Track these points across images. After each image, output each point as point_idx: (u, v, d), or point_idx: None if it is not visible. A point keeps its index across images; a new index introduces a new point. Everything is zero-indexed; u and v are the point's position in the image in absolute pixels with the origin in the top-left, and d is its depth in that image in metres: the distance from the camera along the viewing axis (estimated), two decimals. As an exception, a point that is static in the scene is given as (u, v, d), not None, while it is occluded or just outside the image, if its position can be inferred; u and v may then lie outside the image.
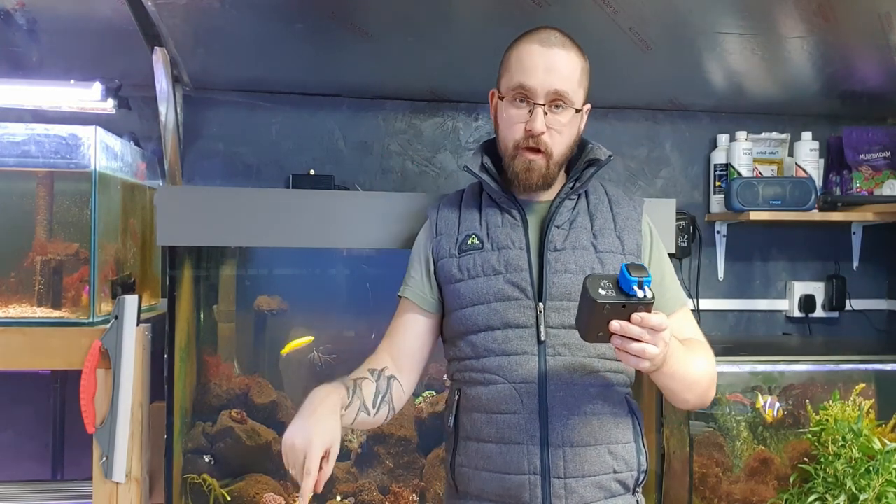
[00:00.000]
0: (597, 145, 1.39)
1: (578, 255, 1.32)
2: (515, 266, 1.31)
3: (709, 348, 1.36)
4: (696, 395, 1.30)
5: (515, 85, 1.30)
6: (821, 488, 1.74)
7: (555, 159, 1.32)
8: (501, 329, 1.29)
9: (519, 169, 1.32)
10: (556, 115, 1.30)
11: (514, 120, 1.31)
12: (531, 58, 1.30)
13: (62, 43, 1.92)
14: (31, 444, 2.14)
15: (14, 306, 1.65)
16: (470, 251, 1.34)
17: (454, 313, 1.35)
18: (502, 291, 1.30)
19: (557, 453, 1.26)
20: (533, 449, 1.26)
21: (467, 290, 1.33)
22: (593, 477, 1.27)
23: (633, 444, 1.32)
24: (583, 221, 1.36)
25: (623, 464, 1.30)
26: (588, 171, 1.37)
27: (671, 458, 1.92)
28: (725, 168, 2.40)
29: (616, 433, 1.30)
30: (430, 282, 1.39)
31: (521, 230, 1.34)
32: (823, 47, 1.93)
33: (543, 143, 1.30)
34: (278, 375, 2.13)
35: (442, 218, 1.41)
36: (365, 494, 1.98)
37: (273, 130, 2.27)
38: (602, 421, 1.29)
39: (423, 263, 1.41)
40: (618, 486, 1.30)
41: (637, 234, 1.37)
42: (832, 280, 2.50)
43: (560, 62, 1.30)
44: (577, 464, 1.26)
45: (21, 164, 1.66)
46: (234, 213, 1.65)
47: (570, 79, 1.30)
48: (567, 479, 1.26)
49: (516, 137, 1.31)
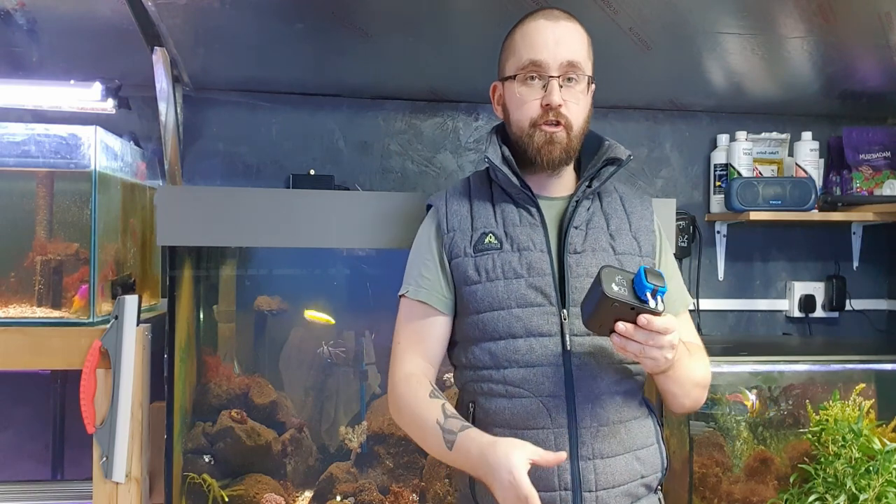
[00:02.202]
0: (615, 143, 1.35)
1: (599, 257, 1.27)
2: (538, 269, 1.25)
3: (705, 353, 1.35)
4: (693, 400, 1.30)
5: (525, 62, 1.26)
6: (821, 488, 1.74)
7: (574, 132, 1.28)
8: (524, 338, 1.23)
9: (540, 143, 1.26)
10: (570, 87, 1.26)
11: (528, 97, 1.27)
12: (539, 32, 1.27)
13: (62, 43, 1.92)
14: (31, 444, 2.14)
15: (14, 306, 1.65)
16: (487, 251, 1.27)
17: (469, 317, 1.28)
18: (525, 297, 1.24)
19: (588, 467, 1.21)
20: (564, 464, 1.20)
21: (485, 293, 1.25)
22: (623, 486, 1.24)
23: (656, 446, 1.30)
24: (599, 222, 1.32)
25: (649, 467, 1.28)
26: (606, 169, 1.33)
27: (671, 458, 1.91)
28: (725, 168, 2.40)
29: (641, 438, 1.27)
30: (446, 282, 1.31)
31: (541, 230, 1.28)
32: (823, 47, 1.93)
33: (563, 116, 1.26)
34: (278, 375, 2.13)
35: (452, 212, 1.33)
36: (365, 494, 1.98)
37: (273, 130, 2.27)
38: (629, 428, 1.26)
39: (436, 262, 1.32)
40: (643, 490, 1.28)
41: (651, 235, 1.35)
42: (832, 280, 2.50)
43: (568, 33, 1.27)
44: (608, 475, 1.22)
45: (21, 164, 1.65)
46: (234, 213, 1.65)
47: (579, 49, 1.28)
48: (598, 491, 1.21)
49: (532, 115, 1.27)
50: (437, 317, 1.31)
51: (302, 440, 2.07)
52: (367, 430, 2.07)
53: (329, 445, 2.11)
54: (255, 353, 2.17)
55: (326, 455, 2.09)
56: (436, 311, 1.30)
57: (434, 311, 1.30)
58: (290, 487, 2.01)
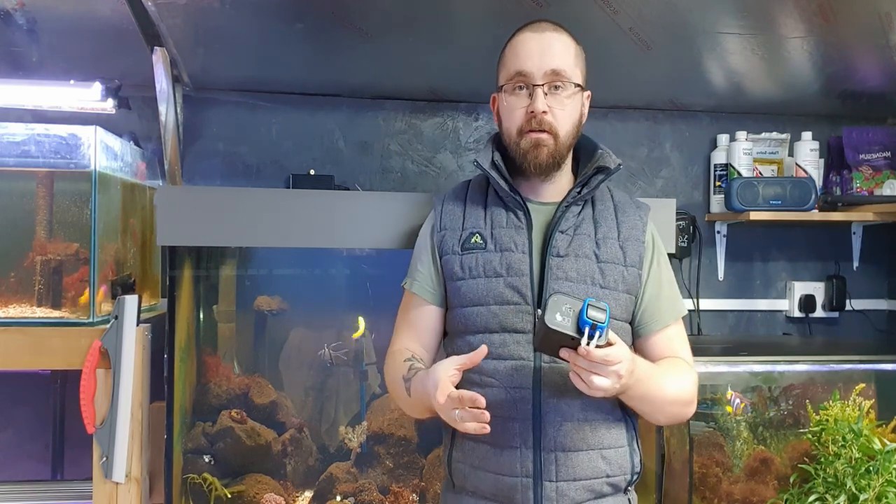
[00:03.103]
0: (607, 152, 1.39)
1: (580, 262, 1.31)
2: (517, 270, 1.30)
3: (690, 367, 1.36)
4: (668, 416, 1.34)
5: (512, 73, 1.32)
6: (821, 488, 1.74)
7: (561, 139, 1.32)
8: (499, 332, 1.30)
9: (526, 148, 1.31)
10: (555, 94, 1.31)
11: (515, 106, 1.32)
12: (524, 44, 1.33)
13: (62, 43, 1.92)
14: (31, 444, 2.14)
15: (14, 306, 1.65)
16: (472, 250, 1.34)
17: (455, 310, 1.36)
18: (502, 295, 1.30)
19: (550, 458, 1.27)
20: (526, 453, 1.27)
21: (468, 289, 1.33)
22: (585, 481, 1.29)
23: (627, 448, 1.34)
24: (587, 228, 1.35)
25: (616, 468, 1.32)
26: (596, 177, 1.37)
27: (671, 458, 1.91)
28: (725, 168, 2.40)
29: (609, 438, 1.31)
30: (437, 276, 1.39)
31: (525, 233, 1.33)
32: (823, 47, 1.93)
33: (547, 124, 1.30)
34: (278, 375, 2.13)
35: (447, 212, 1.41)
36: (365, 494, 1.98)
37: (273, 130, 2.27)
38: (595, 427, 1.30)
39: (429, 257, 1.40)
40: (609, 488, 1.32)
41: (640, 245, 1.37)
42: (832, 280, 2.50)
43: (553, 43, 1.32)
44: (569, 468, 1.28)
45: (21, 164, 1.66)
46: (234, 213, 1.65)
47: (564, 57, 1.32)
48: (559, 482, 1.27)
49: (518, 123, 1.32)
50: (428, 307, 1.40)
51: (302, 440, 2.07)
52: (367, 430, 2.07)
53: (329, 445, 2.11)
54: (255, 353, 2.17)
55: (326, 455, 2.09)
56: (427, 303, 1.40)
57: (425, 302, 1.40)
58: (290, 487, 2.01)
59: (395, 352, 1.39)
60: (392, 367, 1.37)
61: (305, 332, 2.13)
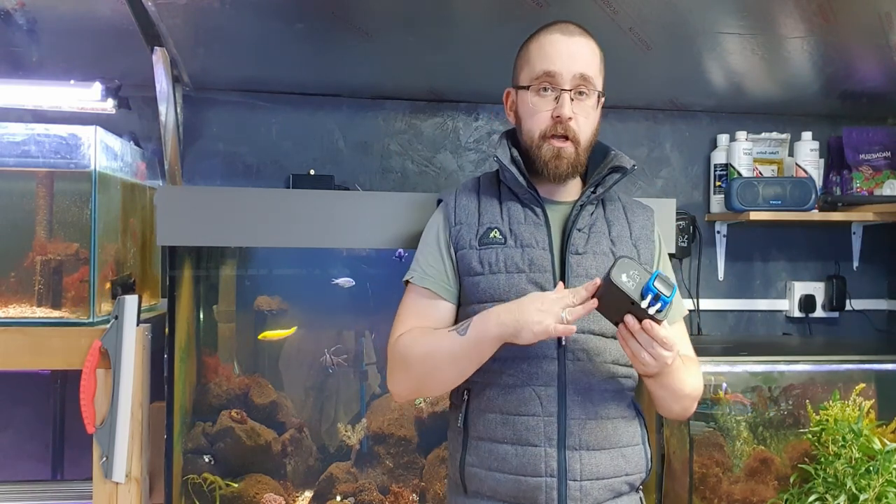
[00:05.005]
0: (620, 153, 1.40)
1: (599, 260, 1.32)
2: (540, 266, 1.30)
3: (698, 366, 1.39)
4: (682, 408, 1.35)
5: (539, 73, 1.31)
6: (821, 488, 1.74)
7: (582, 146, 1.33)
8: None
9: (547, 157, 1.31)
10: (581, 101, 1.31)
11: (540, 108, 1.31)
12: (554, 45, 1.31)
13: (62, 43, 1.92)
14: (31, 444, 2.14)
15: (14, 306, 1.65)
16: (492, 245, 1.32)
17: (471, 306, 1.33)
18: (525, 291, 1.27)
19: (574, 456, 1.27)
20: (550, 452, 1.26)
21: (487, 285, 1.30)
22: (607, 479, 1.29)
23: (641, 447, 1.35)
24: (601, 227, 1.36)
25: (633, 466, 1.32)
26: (611, 177, 1.38)
27: (671, 458, 1.92)
28: (725, 168, 2.40)
29: (626, 436, 1.32)
30: (452, 271, 1.36)
31: (545, 230, 1.33)
32: (823, 47, 1.93)
33: (571, 130, 1.31)
34: (278, 375, 2.13)
35: (461, 206, 1.38)
36: (365, 494, 1.98)
37: (273, 130, 2.27)
38: (615, 424, 1.31)
39: (443, 252, 1.37)
40: (626, 487, 1.32)
41: (651, 244, 1.39)
42: (832, 280, 2.50)
43: (583, 48, 1.32)
44: (593, 467, 1.27)
45: (21, 164, 1.65)
46: (234, 213, 1.65)
47: (592, 64, 1.32)
48: (583, 481, 1.27)
49: (542, 127, 1.32)
50: (441, 301, 1.35)
51: (302, 440, 2.07)
52: (366, 430, 2.07)
53: (329, 445, 2.11)
54: (255, 353, 2.17)
55: (326, 455, 2.09)
56: (440, 298, 1.35)
57: (438, 296, 1.35)
58: (290, 487, 2.01)
59: (410, 331, 1.32)
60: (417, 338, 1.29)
61: (306, 332, 2.13)
